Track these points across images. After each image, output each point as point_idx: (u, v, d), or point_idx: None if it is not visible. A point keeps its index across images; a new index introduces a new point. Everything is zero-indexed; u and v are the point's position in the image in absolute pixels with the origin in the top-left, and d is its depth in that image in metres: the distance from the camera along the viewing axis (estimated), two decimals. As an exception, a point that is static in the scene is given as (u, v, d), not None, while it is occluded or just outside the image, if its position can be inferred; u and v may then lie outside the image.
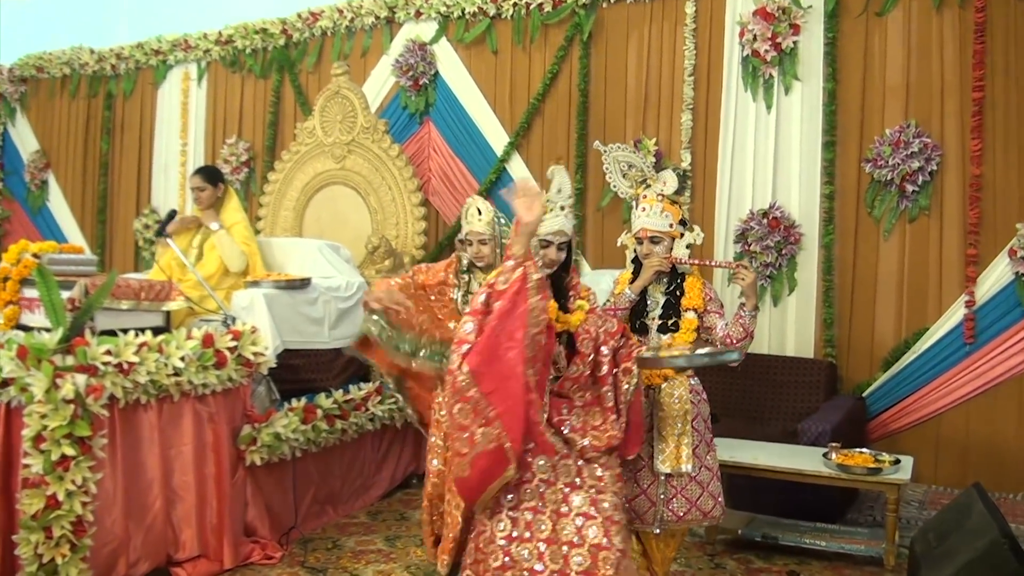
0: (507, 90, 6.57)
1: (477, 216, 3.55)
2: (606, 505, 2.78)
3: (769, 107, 5.67)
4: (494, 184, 6.53)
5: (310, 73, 7.36)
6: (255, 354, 4.15)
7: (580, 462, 2.84)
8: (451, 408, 2.67)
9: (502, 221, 3.63)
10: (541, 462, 2.79)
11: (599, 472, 2.84)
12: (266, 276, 4.86)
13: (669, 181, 3.48)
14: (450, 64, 6.74)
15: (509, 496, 2.76)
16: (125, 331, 3.72)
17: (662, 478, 3.35)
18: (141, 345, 3.67)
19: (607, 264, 5.99)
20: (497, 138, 6.57)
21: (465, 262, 3.60)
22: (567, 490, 2.79)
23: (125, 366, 3.57)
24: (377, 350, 3.39)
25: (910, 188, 5.28)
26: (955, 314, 5.21)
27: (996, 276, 5.11)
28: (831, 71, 5.49)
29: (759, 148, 5.71)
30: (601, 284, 4.59)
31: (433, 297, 3.55)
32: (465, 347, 2.65)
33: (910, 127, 5.28)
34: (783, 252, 5.58)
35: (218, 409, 4.01)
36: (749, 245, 5.65)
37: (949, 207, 5.25)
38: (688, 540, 4.33)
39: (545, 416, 2.81)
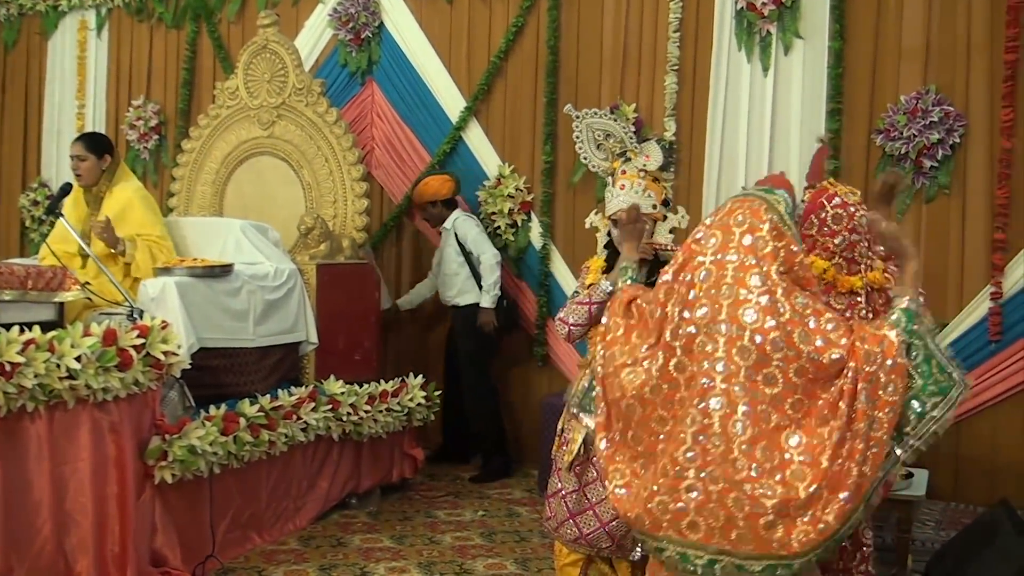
0: (464, 46, 6.56)
1: None
2: None
3: (766, 69, 5.70)
4: (448, 156, 6.49)
5: (232, 23, 7.30)
6: (166, 353, 4.11)
7: None
8: None
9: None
10: None
11: None
12: (179, 262, 4.79)
13: (653, 155, 3.49)
14: (397, 15, 6.72)
15: None
16: (8, 326, 3.67)
17: None
18: (28, 343, 3.62)
19: (579, 249, 5.99)
20: (452, 102, 6.57)
21: None
22: None
23: (8, 367, 3.52)
24: None
25: (928, 164, 5.31)
26: (978, 308, 5.27)
27: (1026, 265, 5.17)
28: (838, 28, 5.51)
29: (754, 116, 5.74)
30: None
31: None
32: None
33: (929, 94, 5.31)
34: (781, 237, 5.59)
35: (121, 418, 3.97)
36: (743, 228, 5.64)
37: (974, 185, 5.29)
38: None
39: None
